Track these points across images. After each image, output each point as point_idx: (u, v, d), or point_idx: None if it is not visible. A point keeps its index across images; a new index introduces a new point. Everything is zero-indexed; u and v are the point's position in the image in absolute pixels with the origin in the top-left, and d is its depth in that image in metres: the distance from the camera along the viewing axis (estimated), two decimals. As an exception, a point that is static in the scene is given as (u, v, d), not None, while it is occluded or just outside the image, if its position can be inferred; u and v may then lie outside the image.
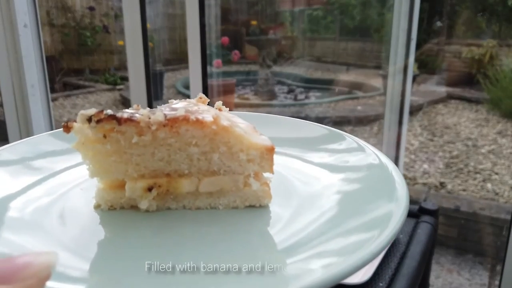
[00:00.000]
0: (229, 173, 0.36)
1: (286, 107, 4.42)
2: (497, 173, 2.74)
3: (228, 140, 0.35)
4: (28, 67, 1.49)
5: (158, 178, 0.36)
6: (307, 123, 0.49)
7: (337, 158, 0.43)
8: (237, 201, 0.37)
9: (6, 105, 1.52)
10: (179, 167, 0.36)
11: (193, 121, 0.34)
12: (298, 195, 0.37)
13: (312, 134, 0.47)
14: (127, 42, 1.45)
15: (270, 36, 4.87)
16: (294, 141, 0.47)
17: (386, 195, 0.33)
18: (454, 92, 4.21)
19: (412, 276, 0.76)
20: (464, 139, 3.32)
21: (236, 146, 0.35)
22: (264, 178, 0.37)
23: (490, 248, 2.11)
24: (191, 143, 0.35)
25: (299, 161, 0.43)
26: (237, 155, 0.36)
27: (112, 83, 5.20)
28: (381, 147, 2.08)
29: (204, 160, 0.36)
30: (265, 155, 0.36)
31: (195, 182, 0.36)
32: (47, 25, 4.92)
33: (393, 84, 1.93)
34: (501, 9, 4.22)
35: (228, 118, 0.39)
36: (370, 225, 0.30)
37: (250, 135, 0.36)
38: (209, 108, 0.40)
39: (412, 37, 1.82)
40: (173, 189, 0.36)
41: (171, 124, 0.34)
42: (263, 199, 0.36)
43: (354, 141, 0.44)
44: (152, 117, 0.34)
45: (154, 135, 0.35)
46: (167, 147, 0.36)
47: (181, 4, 4.48)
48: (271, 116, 0.52)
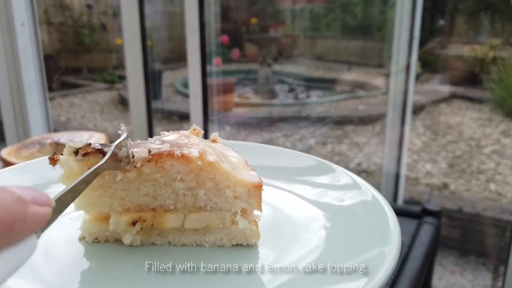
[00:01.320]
0: (216, 210, 0.36)
1: (286, 107, 4.40)
2: (501, 173, 2.72)
3: (214, 176, 0.35)
4: (26, 66, 1.47)
5: (143, 213, 0.36)
6: (300, 154, 0.49)
7: (328, 193, 0.42)
8: (223, 239, 0.36)
9: (3, 104, 1.50)
10: (165, 202, 0.36)
11: (178, 156, 0.34)
12: (287, 234, 0.36)
13: (302, 165, 0.47)
14: (126, 40, 1.43)
15: (270, 34, 4.85)
16: (287, 172, 0.47)
17: (377, 239, 0.33)
18: (457, 91, 4.19)
19: (414, 277, 0.74)
20: (467, 139, 3.30)
21: (223, 182, 0.35)
22: (253, 216, 0.36)
23: (493, 249, 2.10)
24: (177, 179, 0.35)
25: (291, 194, 0.43)
26: (224, 192, 0.35)
27: (110, 82, 5.19)
28: (384, 146, 2.06)
29: (190, 196, 0.36)
30: (253, 192, 0.35)
31: (180, 218, 0.36)
32: (44, 24, 4.90)
33: (395, 83, 1.91)
34: (503, 7, 4.20)
35: (220, 151, 0.39)
36: (357, 271, 0.29)
37: (238, 171, 0.36)
38: (200, 141, 0.39)
39: (414, 35, 1.80)
40: (158, 224, 0.36)
41: (155, 160, 0.34)
42: (251, 238, 0.36)
43: (346, 174, 0.44)
44: (136, 154, 0.34)
45: (139, 170, 0.34)
46: (153, 182, 0.35)
47: (180, 2, 4.46)
48: (267, 146, 0.52)
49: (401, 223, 0.92)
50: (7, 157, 0.99)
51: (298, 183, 0.44)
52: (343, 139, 3.44)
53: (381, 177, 2.08)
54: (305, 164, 0.47)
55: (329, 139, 3.46)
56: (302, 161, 0.48)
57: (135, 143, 0.37)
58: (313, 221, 0.38)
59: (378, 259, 0.30)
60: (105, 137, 1.11)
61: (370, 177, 2.78)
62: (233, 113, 4.05)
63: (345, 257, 0.31)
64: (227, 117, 3.89)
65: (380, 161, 2.79)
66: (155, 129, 1.56)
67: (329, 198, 0.41)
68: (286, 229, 0.37)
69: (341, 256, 0.31)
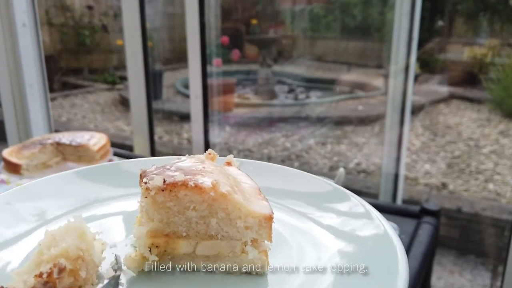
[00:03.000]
0: (227, 239, 0.37)
1: (286, 107, 4.41)
2: (499, 173, 2.73)
3: (226, 206, 0.36)
4: (27, 66, 1.48)
5: (157, 238, 0.37)
6: (315, 178, 0.49)
7: (342, 222, 0.42)
8: (233, 267, 0.37)
9: (4, 104, 1.51)
10: (178, 229, 0.37)
11: (191, 186, 0.35)
12: (297, 265, 0.37)
13: (319, 190, 0.47)
14: (126, 41, 1.44)
15: (270, 35, 4.86)
16: (301, 196, 0.47)
17: (386, 281, 0.33)
18: (456, 91, 4.19)
19: (413, 277, 0.75)
20: (466, 139, 3.31)
21: (234, 213, 0.36)
22: (263, 246, 0.37)
23: (492, 249, 2.10)
24: (190, 208, 0.36)
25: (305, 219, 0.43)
26: (235, 222, 0.36)
27: (111, 82, 5.19)
28: (383, 147, 2.07)
29: (202, 224, 0.37)
30: (263, 224, 0.36)
31: (192, 244, 0.37)
32: (45, 24, 4.91)
33: (394, 83, 1.92)
34: (502, 8, 4.21)
35: (233, 177, 0.40)
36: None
37: (250, 201, 0.37)
38: (215, 167, 0.40)
39: (413, 36, 1.81)
40: (170, 249, 0.37)
41: (169, 189, 0.35)
42: (260, 268, 0.37)
43: (361, 204, 0.44)
44: (151, 182, 0.35)
45: (153, 198, 0.36)
46: (166, 210, 0.36)
47: (180, 3, 4.46)
48: (280, 167, 0.52)
49: (400, 222, 0.93)
50: (8, 157, 1.00)
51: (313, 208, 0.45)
52: (343, 139, 3.45)
53: (380, 177, 2.08)
54: (320, 190, 0.47)
55: (329, 139, 3.46)
56: (318, 185, 0.48)
57: (151, 170, 0.38)
58: (323, 251, 0.38)
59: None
60: (106, 137, 1.12)
61: (369, 177, 2.78)
62: (233, 113, 4.05)
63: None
64: (227, 118, 3.90)
65: (379, 161, 2.80)
66: (156, 129, 1.57)
67: (342, 227, 0.41)
68: (295, 259, 0.38)
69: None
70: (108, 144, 1.10)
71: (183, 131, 3.75)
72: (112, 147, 1.12)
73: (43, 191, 0.46)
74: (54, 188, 0.47)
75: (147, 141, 1.55)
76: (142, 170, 0.38)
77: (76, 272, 0.31)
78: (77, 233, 0.33)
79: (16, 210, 0.43)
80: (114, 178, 0.50)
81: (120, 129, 3.89)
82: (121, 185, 0.49)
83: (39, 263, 0.31)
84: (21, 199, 0.44)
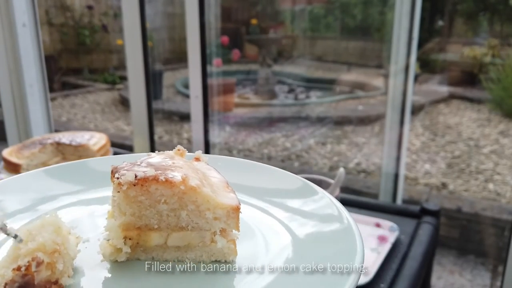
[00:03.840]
0: (197, 229, 0.39)
1: (286, 107, 4.41)
2: (499, 174, 2.73)
3: (195, 199, 0.37)
4: (27, 66, 1.48)
5: (129, 231, 0.38)
6: (283, 173, 0.51)
7: (299, 217, 0.44)
8: (203, 255, 0.39)
9: (4, 104, 1.51)
10: (149, 222, 0.39)
11: (162, 181, 0.37)
12: (262, 252, 0.39)
13: (287, 186, 0.49)
14: (126, 41, 1.44)
15: (270, 35, 4.86)
16: (267, 190, 0.49)
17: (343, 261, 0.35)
18: (456, 91, 4.20)
19: (413, 277, 0.75)
20: (466, 139, 3.31)
21: (203, 205, 0.38)
22: (231, 235, 0.39)
23: (492, 249, 2.10)
24: (160, 201, 0.38)
25: (270, 213, 0.45)
26: (204, 213, 0.38)
27: (111, 82, 5.19)
28: (383, 147, 2.07)
29: (173, 216, 0.38)
30: (231, 214, 0.38)
31: (164, 236, 0.39)
32: (45, 24, 4.91)
33: (394, 83, 1.92)
34: (502, 8, 4.21)
35: (202, 171, 0.42)
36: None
37: (218, 194, 0.39)
38: (184, 163, 0.42)
39: (413, 36, 1.81)
40: (143, 241, 0.39)
41: (141, 183, 0.37)
42: (228, 256, 0.39)
43: (327, 197, 0.45)
44: (123, 177, 0.37)
45: (125, 193, 0.37)
46: (138, 203, 0.38)
47: (180, 3, 4.46)
48: (246, 162, 0.53)
49: (400, 222, 0.93)
50: (8, 157, 1.00)
51: (274, 204, 0.47)
52: (343, 139, 3.45)
53: (380, 177, 2.08)
54: (286, 186, 0.49)
55: (329, 139, 3.46)
56: (284, 180, 0.49)
57: (122, 166, 0.39)
58: (284, 241, 0.41)
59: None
60: (106, 137, 1.12)
61: (369, 177, 2.78)
62: (233, 113, 4.05)
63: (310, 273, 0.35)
64: (227, 117, 3.90)
65: (379, 161, 2.80)
66: (156, 129, 1.57)
67: (299, 222, 0.43)
68: (261, 248, 0.40)
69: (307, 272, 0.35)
70: (108, 144, 1.10)
71: (183, 131, 3.76)
72: (112, 147, 1.12)
73: (8, 188, 0.47)
74: (20, 185, 0.48)
75: (147, 141, 1.55)
76: (113, 166, 0.39)
77: (53, 265, 0.32)
78: (53, 228, 0.34)
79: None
80: (82, 175, 0.51)
81: (120, 129, 3.89)
82: (89, 181, 0.50)
83: (16, 257, 0.32)
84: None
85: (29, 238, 0.32)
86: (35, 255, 0.31)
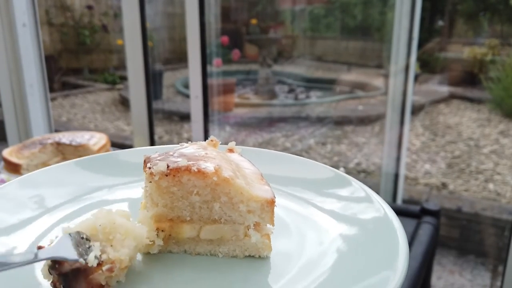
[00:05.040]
0: (230, 223, 0.37)
1: (286, 107, 4.41)
2: (499, 173, 2.73)
3: (228, 191, 0.36)
4: (27, 66, 1.48)
5: (162, 223, 0.37)
6: (316, 164, 0.49)
7: (343, 206, 0.43)
8: (236, 250, 0.38)
9: (4, 104, 1.51)
10: (182, 214, 0.38)
11: (194, 172, 0.36)
12: (299, 248, 0.38)
13: (320, 176, 0.48)
14: (127, 41, 1.44)
15: (270, 35, 4.86)
16: (302, 182, 0.47)
17: (386, 261, 0.33)
18: (456, 91, 4.20)
19: (413, 277, 0.75)
20: (466, 139, 3.31)
21: (237, 197, 0.36)
22: (266, 229, 0.38)
23: (492, 249, 2.10)
24: (193, 192, 0.37)
25: (307, 204, 0.44)
26: (238, 206, 0.37)
27: (111, 82, 5.19)
28: (383, 147, 2.07)
29: (205, 209, 0.37)
30: (266, 207, 0.36)
31: (196, 229, 0.38)
32: (46, 24, 4.91)
33: (394, 83, 1.92)
34: (503, 8, 4.21)
35: (236, 163, 0.40)
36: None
37: (252, 186, 0.37)
38: (218, 153, 0.40)
39: (413, 36, 1.81)
40: (175, 233, 0.38)
41: (173, 174, 0.36)
42: (263, 251, 0.37)
43: (362, 189, 0.44)
44: (155, 167, 0.36)
45: (157, 184, 0.36)
46: (170, 194, 0.37)
47: (181, 3, 4.46)
48: (281, 154, 0.52)
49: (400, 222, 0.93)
50: (8, 157, 1.00)
51: (314, 194, 0.45)
52: (343, 139, 3.45)
53: (380, 177, 2.08)
54: (321, 176, 0.48)
55: (329, 139, 3.46)
56: (319, 171, 0.48)
57: (154, 156, 0.38)
58: (325, 235, 0.39)
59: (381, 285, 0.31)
60: (106, 137, 1.12)
61: (369, 177, 2.78)
62: (233, 113, 4.05)
63: (351, 280, 0.32)
64: (227, 117, 3.90)
65: (380, 161, 2.80)
66: (156, 129, 1.57)
67: (343, 212, 0.42)
68: (296, 243, 0.38)
69: (346, 278, 0.32)
70: (108, 144, 1.10)
71: (183, 131, 3.75)
72: (112, 147, 1.12)
73: (43, 181, 0.47)
74: (54, 178, 0.48)
75: (147, 141, 1.55)
76: (145, 156, 0.38)
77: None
78: (134, 243, 0.34)
79: (18, 198, 0.43)
80: (113, 167, 0.51)
81: (120, 129, 3.89)
82: (121, 174, 0.50)
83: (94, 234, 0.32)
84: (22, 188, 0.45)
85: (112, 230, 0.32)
86: (114, 264, 0.31)
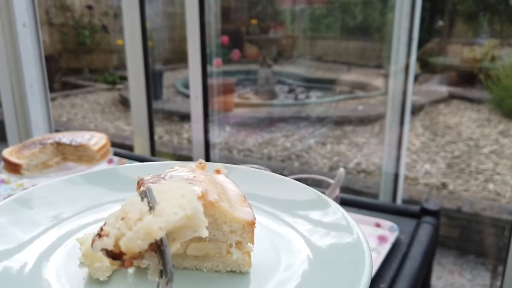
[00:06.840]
0: (214, 241, 0.41)
1: (286, 107, 4.41)
2: (499, 174, 2.73)
3: (213, 213, 0.40)
4: (27, 66, 1.48)
5: None
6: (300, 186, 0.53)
7: (315, 229, 0.46)
8: (219, 266, 0.41)
9: (5, 104, 1.51)
10: None
11: None
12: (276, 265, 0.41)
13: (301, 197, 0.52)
14: (127, 41, 1.44)
15: (270, 35, 4.86)
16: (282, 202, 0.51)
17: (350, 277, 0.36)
18: (456, 91, 4.20)
19: (413, 277, 0.75)
20: (466, 139, 3.32)
21: (221, 218, 0.40)
22: (246, 248, 0.42)
23: (492, 249, 2.10)
24: None
25: (283, 223, 0.48)
26: (221, 226, 0.40)
27: (111, 82, 5.20)
28: (383, 147, 2.07)
29: None
30: (246, 228, 0.40)
31: (183, 246, 0.41)
32: (46, 24, 4.92)
33: (394, 83, 1.92)
34: (503, 8, 4.21)
35: (221, 185, 0.45)
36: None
37: (234, 209, 0.41)
38: (205, 176, 0.44)
39: (413, 36, 1.81)
40: None
41: None
42: (243, 267, 0.41)
43: (340, 212, 0.47)
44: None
45: None
46: None
47: (181, 3, 4.47)
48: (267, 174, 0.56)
49: (400, 222, 0.93)
50: (8, 157, 1.00)
51: (291, 215, 0.49)
52: (343, 139, 3.45)
53: (380, 177, 2.08)
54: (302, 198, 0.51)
55: (329, 139, 3.47)
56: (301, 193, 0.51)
57: (147, 178, 0.41)
58: (297, 256, 0.43)
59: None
60: (106, 137, 1.12)
61: (369, 177, 2.79)
62: (233, 113, 4.06)
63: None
64: (227, 118, 3.91)
65: (379, 161, 2.80)
66: (156, 129, 1.57)
67: (317, 235, 0.45)
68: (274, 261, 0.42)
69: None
70: (108, 144, 1.10)
71: (183, 131, 3.76)
72: (112, 147, 1.12)
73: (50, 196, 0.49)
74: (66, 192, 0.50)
75: (147, 141, 1.55)
76: (139, 178, 0.42)
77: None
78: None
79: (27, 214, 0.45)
80: (113, 182, 0.54)
81: (120, 129, 3.89)
82: (119, 189, 0.52)
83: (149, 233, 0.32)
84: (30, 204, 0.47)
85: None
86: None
